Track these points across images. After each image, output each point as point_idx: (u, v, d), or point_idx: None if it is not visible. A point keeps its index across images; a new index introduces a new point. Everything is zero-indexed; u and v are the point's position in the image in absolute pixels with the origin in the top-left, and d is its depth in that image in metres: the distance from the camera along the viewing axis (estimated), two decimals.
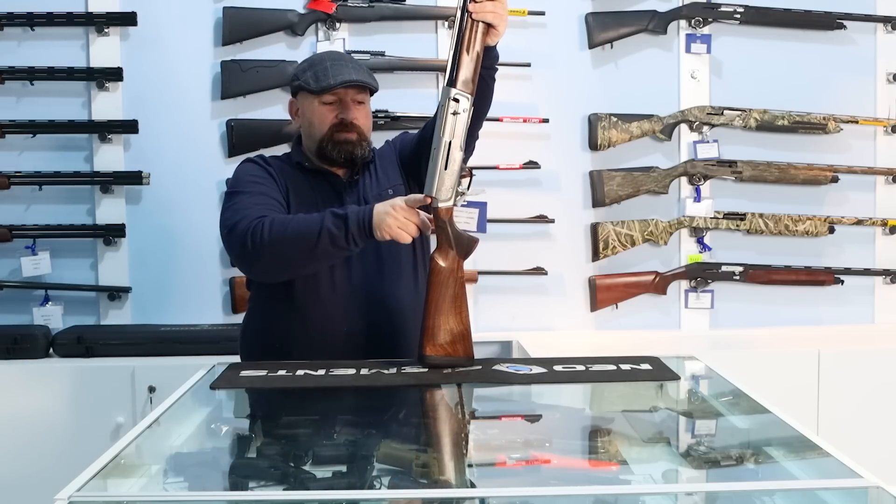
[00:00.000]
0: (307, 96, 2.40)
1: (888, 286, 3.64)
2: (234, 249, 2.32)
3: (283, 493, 1.59)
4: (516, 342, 3.41)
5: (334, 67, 2.38)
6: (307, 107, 2.41)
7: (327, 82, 2.36)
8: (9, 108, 3.40)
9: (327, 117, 2.38)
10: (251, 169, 2.43)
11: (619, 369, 2.20)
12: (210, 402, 2.10)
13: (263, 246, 2.21)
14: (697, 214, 3.55)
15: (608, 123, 3.51)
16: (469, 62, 2.16)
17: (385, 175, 2.46)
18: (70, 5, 3.38)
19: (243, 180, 2.39)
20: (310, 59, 2.47)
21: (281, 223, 2.23)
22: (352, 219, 2.16)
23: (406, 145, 2.51)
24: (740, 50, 3.60)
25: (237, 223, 2.27)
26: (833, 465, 1.60)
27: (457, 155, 2.15)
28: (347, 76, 2.37)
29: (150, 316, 3.47)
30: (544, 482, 1.75)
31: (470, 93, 2.16)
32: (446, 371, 2.17)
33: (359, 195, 2.41)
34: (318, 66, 2.40)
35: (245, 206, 2.30)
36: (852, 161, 3.60)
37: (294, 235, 2.20)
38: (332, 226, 2.17)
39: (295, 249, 2.22)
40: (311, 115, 2.40)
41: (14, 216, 3.41)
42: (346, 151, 2.38)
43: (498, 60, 2.32)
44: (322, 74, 2.37)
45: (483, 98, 2.31)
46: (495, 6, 2.16)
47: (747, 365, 3.04)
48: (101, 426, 3.08)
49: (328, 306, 2.35)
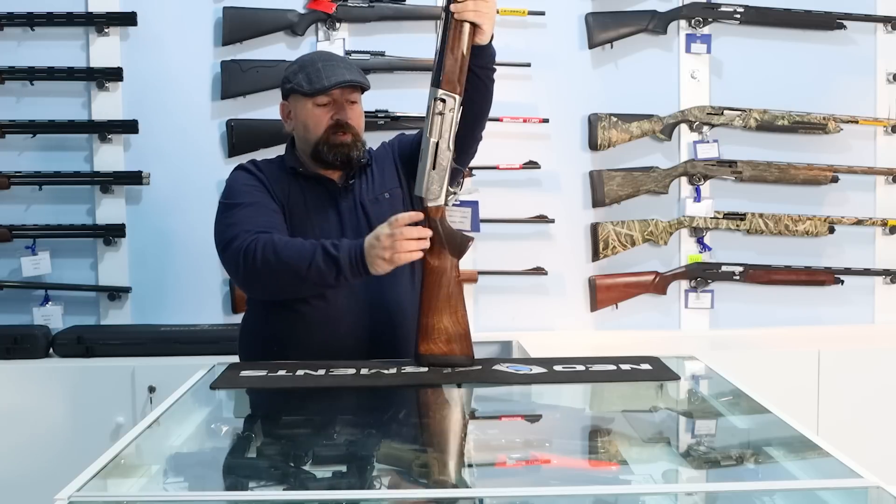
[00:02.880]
0: (300, 98, 2.37)
1: (888, 286, 3.64)
2: (229, 268, 2.34)
3: (283, 493, 1.59)
4: (516, 342, 3.41)
5: (326, 68, 2.35)
6: (300, 109, 2.38)
7: (321, 84, 2.33)
8: (9, 108, 3.39)
9: (322, 119, 2.35)
10: (243, 178, 2.39)
11: (619, 369, 2.20)
12: (210, 402, 2.11)
13: (256, 269, 2.21)
14: (697, 214, 3.55)
15: (608, 123, 3.51)
16: (453, 62, 2.16)
17: (381, 178, 2.44)
18: (70, 5, 3.38)
19: (236, 190, 2.37)
20: (300, 62, 2.42)
21: (272, 249, 2.20)
22: (343, 262, 2.15)
23: (404, 147, 2.49)
24: (740, 50, 3.59)
25: (230, 241, 2.26)
26: (833, 465, 1.60)
27: (445, 154, 2.16)
28: (341, 76, 2.34)
29: (150, 316, 3.47)
30: (544, 482, 1.75)
31: (456, 93, 2.15)
32: (446, 371, 2.18)
33: (354, 199, 2.39)
34: (309, 68, 2.36)
35: (238, 220, 2.29)
36: (852, 161, 3.59)
37: (284, 265, 2.19)
38: (322, 263, 2.16)
39: (285, 278, 2.21)
40: (306, 118, 2.37)
41: (14, 216, 3.41)
42: (342, 154, 2.35)
43: (493, 60, 2.30)
44: (315, 76, 2.34)
45: (482, 98, 2.31)
46: (477, 5, 2.15)
47: (747, 365, 3.04)
48: (101, 426, 3.08)
49: (329, 308, 2.33)
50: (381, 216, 2.35)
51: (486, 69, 2.29)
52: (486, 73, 2.30)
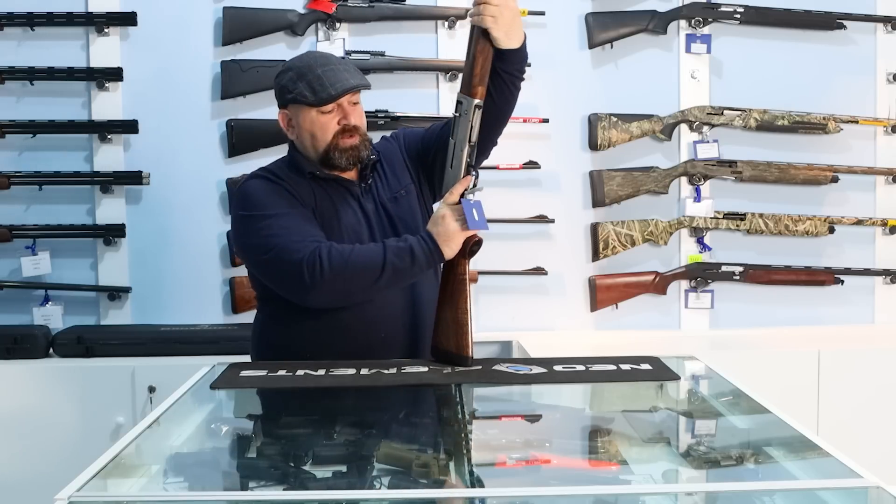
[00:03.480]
0: (303, 108, 2.30)
1: (888, 286, 3.64)
2: (288, 281, 2.23)
3: (283, 493, 1.59)
4: (516, 342, 3.41)
5: (327, 74, 2.28)
6: (305, 118, 2.31)
7: (327, 93, 2.27)
8: (9, 108, 3.39)
9: (329, 126, 2.30)
10: (265, 187, 2.31)
11: (619, 369, 2.20)
12: (210, 402, 2.11)
13: (324, 279, 2.17)
14: (697, 214, 3.55)
15: (608, 123, 3.51)
16: (468, 65, 2.22)
17: (395, 176, 2.41)
18: (70, 5, 3.38)
19: (262, 201, 2.29)
20: (296, 69, 2.33)
21: (339, 257, 2.18)
22: (418, 251, 2.18)
23: (412, 141, 2.46)
24: (740, 50, 3.59)
25: (284, 254, 2.20)
26: (833, 465, 1.60)
27: (460, 154, 2.20)
28: (346, 82, 2.28)
29: (150, 316, 3.47)
30: (544, 482, 1.75)
31: (472, 95, 2.19)
32: (446, 371, 2.18)
33: (374, 199, 2.36)
34: (309, 76, 2.29)
35: (280, 231, 2.23)
36: (852, 161, 3.59)
37: (356, 270, 2.19)
38: (397, 259, 2.18)
39: (359, 283, 2.21)
40: (312, 127, 2.31)
41: (14, 216, 3.41)
42: (353, 156, 2.32)
43: (521, 64, 2.30)
44: (318, 85, 2.27)
45: (504, 102, 2.30)
46: (485, 9, 2.17)
47: (747, 365, 3.04)
48: (101, 426, 3.08)
49: (368, 312, 2.29)
50: (400, 215, 2.37)
51: (510, 74, 2.28)
52: (511, 78, 2.29)
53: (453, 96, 2.31)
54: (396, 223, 2.36)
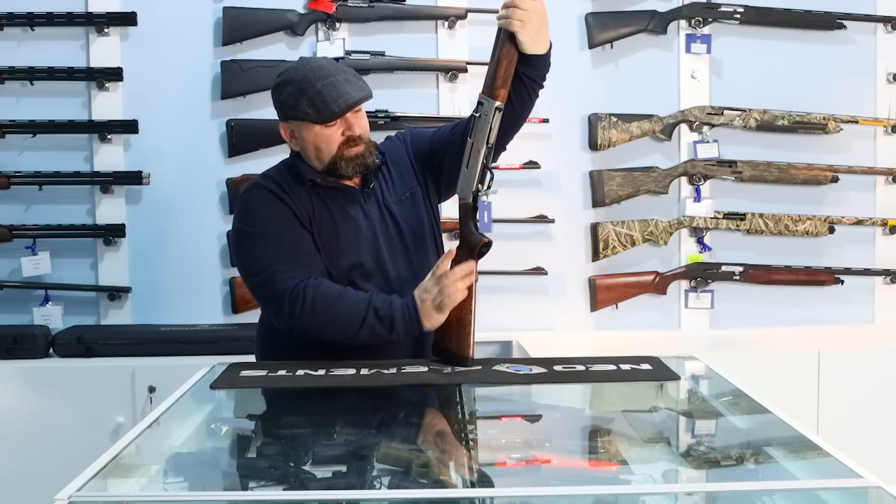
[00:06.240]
0: (306, 124, 2.27)
1: (888, 286, 3.64)
2: (268, 307, 2.32)
3: (283, 493, 1.59)
4: (516, 342, 3.41)
5: (328, 89, 2.23)
6: (309, 133, 2.28)
7: (330, 110, 2.22)
8: (9, 108, 3.39)
9: (333, 138, 2.27)
10: (266, 201, 2.30)
11: (619, 369, 2.20)
12: (210, 402, 2.11)
13: (303, 315, 2.20)
14: (697, 214, 3.55)
15: (608, 123, 3.51)
16: (491, 67, 2.22)
17: (400, 178, 2.40)
18: (70, 5, 3.38)
19: (260, 217, 2.29)
20: (295, 84, 2.26)
21: (323, 300, 2.19)
22: (398, 319, 2.19)
23: (420, 143, 2.44)
24: (740, 50, 3.59)
25: (270, 281, 2.23)
26: (833, 465, 1.60)
27: (477, 155, 2.21)
28: (349, 97, 2.23)
29: (150, 316, 3.47)
30: (544, 482, 1.75)
31: (492, 96, 2.20)
32: (446, 371, 2.18)
33: (378, 203, 2.35)
34: (310, 92, 2.23)
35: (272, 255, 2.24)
36: (852, 161, 3.59)
37: (334, 319, 2.20)
38: (376, 322, 2.19)
39: (334, 331, 2.22)
40: (317, 140, 2.27)
41: (14, 216, 3.41)
42: (359, 164, 2.29)
43: (543, 71, 2.29)
44: (321, 102, 2.22)
45: (521, 105, 2.30)
46: (513, 13, 2.16)
47: (747, 365, 3.04)
48: (101, 426, 3.08)
49: None
50: (406, 217, 2.37)
51: (532, 79, 2.27)
52: (532, 83, 2.28)
53: (453, 96, 2.32)
54: (402, 226, 2.35)
